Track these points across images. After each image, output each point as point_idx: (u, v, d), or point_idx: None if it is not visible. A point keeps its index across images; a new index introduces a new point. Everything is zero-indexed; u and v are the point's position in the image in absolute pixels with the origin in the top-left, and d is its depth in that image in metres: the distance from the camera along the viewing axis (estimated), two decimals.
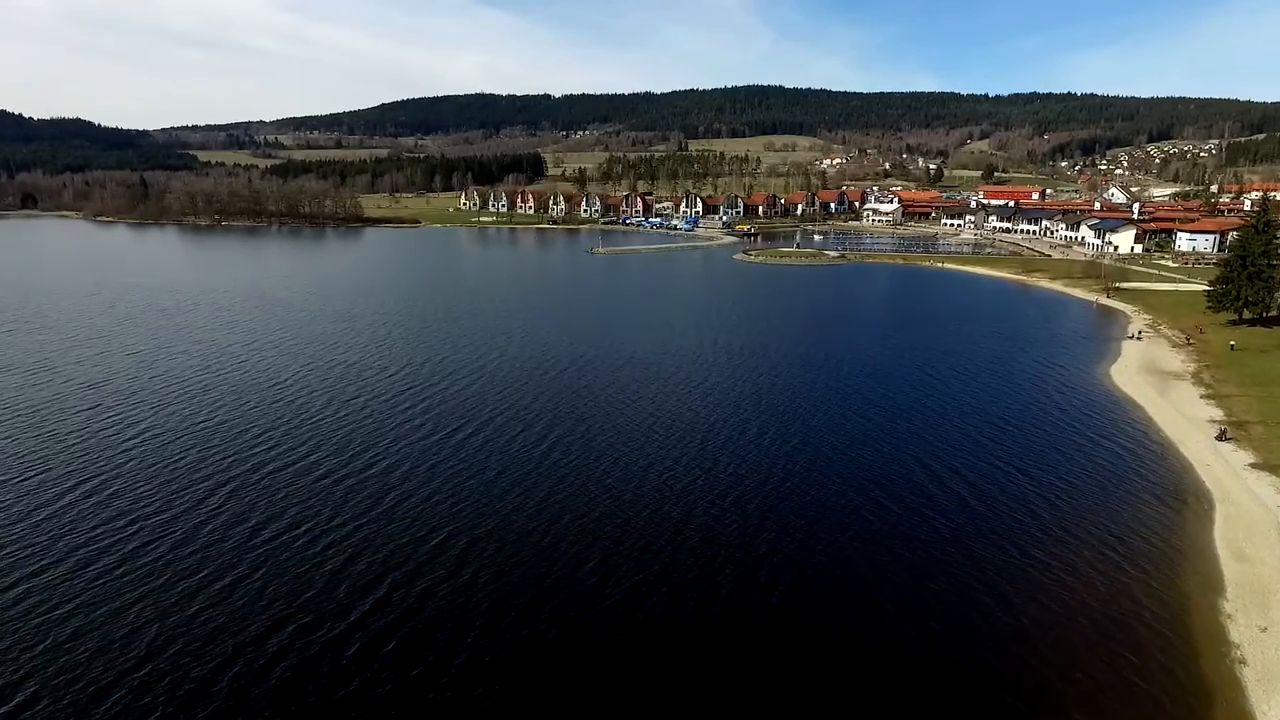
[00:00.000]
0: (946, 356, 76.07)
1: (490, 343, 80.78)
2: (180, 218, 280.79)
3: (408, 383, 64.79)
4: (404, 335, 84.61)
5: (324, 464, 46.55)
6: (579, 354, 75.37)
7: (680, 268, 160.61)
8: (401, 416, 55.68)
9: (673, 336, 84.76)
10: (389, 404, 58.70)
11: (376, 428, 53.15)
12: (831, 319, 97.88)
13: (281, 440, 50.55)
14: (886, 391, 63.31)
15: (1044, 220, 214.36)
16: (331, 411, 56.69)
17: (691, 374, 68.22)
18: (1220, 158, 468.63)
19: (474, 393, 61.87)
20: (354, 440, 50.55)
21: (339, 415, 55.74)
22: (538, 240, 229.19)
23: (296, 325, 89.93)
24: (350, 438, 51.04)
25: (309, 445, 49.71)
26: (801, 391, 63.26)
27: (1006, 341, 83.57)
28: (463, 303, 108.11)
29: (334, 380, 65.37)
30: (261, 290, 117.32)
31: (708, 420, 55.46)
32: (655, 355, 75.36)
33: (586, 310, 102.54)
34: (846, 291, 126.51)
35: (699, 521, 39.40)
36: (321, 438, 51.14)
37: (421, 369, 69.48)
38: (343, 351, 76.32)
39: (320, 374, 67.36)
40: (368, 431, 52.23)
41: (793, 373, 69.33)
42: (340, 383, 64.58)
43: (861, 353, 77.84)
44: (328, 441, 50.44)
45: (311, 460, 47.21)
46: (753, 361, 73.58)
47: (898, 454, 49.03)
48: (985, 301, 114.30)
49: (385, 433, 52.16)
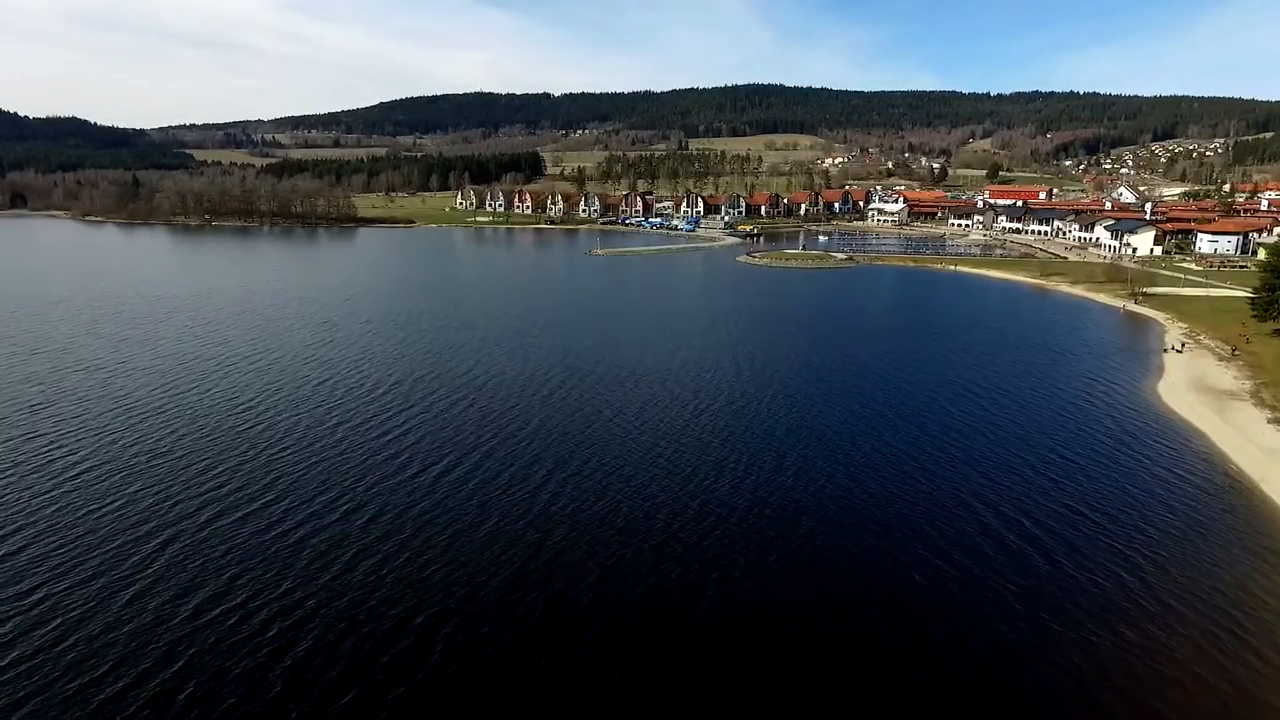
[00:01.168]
0: (979, 371, 69.85)
1: (480, 356, 74.50)
2: (170, 218, 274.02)
3: (388, 404, 58.49)
4: (388, 348, 78.29)
5: (279, 509, 40.23)
6: (577, 370, 69.07)
7: (682, 270, 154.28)
8: (377, 448, 49.34)
9: (678, 349, 78.48)
10: (364, 432, 52.38)
11: (347, 462, 46.79)
12: (848, 328, 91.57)
13: (235, 478, 44.21)
14: (922, 414, 56.98)
15: (1055, 221, 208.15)
16: (296, 441, 50.35)
17: (700, 395, 61.92)
18: (1228, 157, 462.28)
19: (461, 418, 55.56)
20: (318, 479, 44.16)
21: (305, 447, 49.38)
22: (535, 241, 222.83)
23: (274, 335, 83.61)
24: (314, 476, 44.65)
25: (265, 485, 43.37)
26: (826, 414, 56.96)
27: (1039, 353, 77.34)
28: (453, 310, 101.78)
29: (306, 401, 59.05)
30: (242, 296, 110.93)
31: (721, 452, 49.17)
32: (659, 371, 69.06)
33: (585, 318, 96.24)
34: (859, 296, 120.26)
35: (714, 593, 33.16)
36: (281, 474, 44.82)
37: (404, 388, 63.16)
38: (320, 367, 69.99)
39: (291, 394, 61.03)
40: (335, 468, 45.84)
41: (814, 392, 63.01)
42: (312, 405, 58.25)
43: (888, 367, 71.40)
44: (287, 479, 44.11)
45: (264, 503, 40.88)
46: (767, 377, 67.26)
47: (944, 494, 42.70)
48: (1005, 307, 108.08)
49: (356, 469, 45.80)
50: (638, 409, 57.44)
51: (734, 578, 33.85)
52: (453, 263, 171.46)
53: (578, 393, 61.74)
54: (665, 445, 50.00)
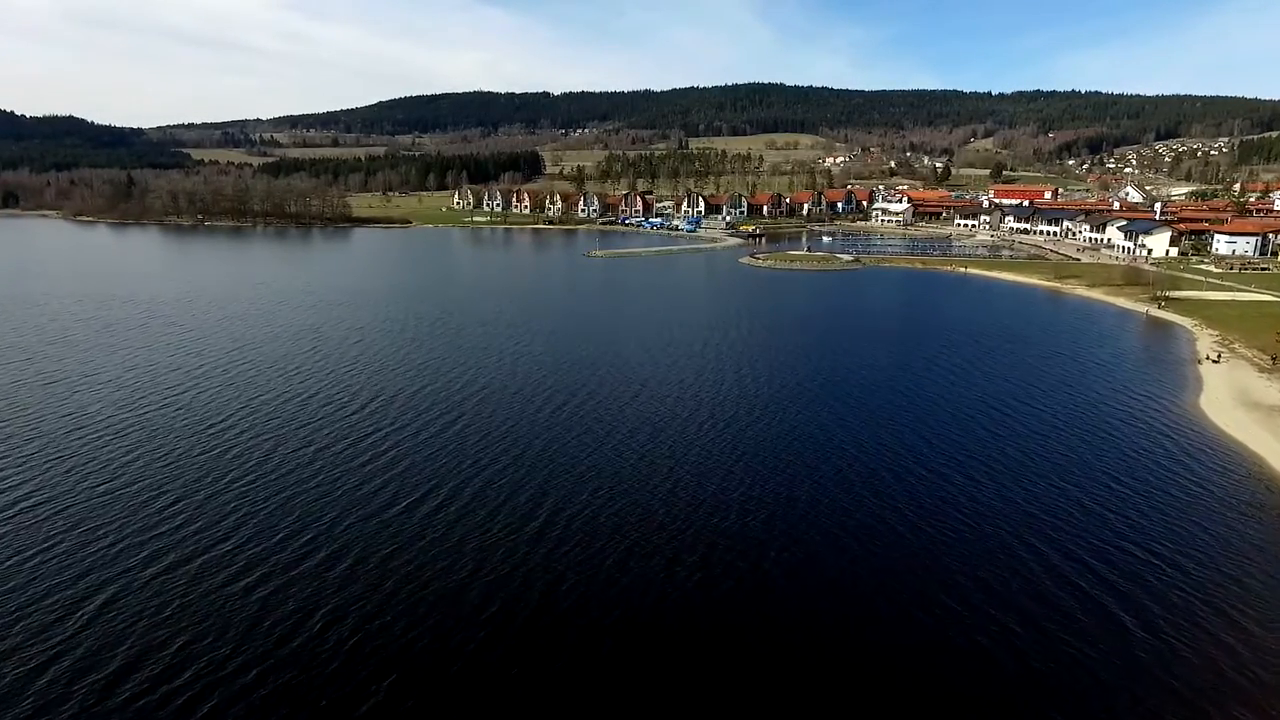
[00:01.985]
0: (1008, 384, 65.23)
1: (472, 369, 69.73)
2: (162, 218, 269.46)
3: (370, 425, 53.75)
4: (374, 359, 73.54)
5: (241, 557, 35.47)
6: (576, 385, 64.35)
7: (683, 273, 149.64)
8: (355, 478, 44.58)
9: (683, 360, 73.80)
10: (343, 458, 47.63)
11: (321, 497, 42.01)
12: (862, 335, 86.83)
13: (192, 517, 39.50)
14: (955, 436, 52.27)
15: (1065, 221, 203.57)
16: (265, 470, 45.60)
17: (711, 415, 57.21)
18: (1233, 156, 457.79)
19: (449, 442, 50.80)
20: (287, 519, 39.37)
21: (275, 477, 44.62)
22: (532, 241, 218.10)
23: (255, 344, 78.85)
24: (283, 514, 39.84)
25: (226, 525, 38.65)
26: (849, 435, 52.27)
27: (1067, 363, 72.73)
28: (444, 316, 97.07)
29: (280, 422, 54.31)
30: (226, 300, 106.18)
31: (737, 483, 44.47)
32: (665, 386, 64.32)
33: (583, 325, 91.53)
34: (869, 300, 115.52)
35: (736, 644, 28.52)
36: (246, 510, 40.11)
37: (389, 405, 58.43)
38: (299, 380, 65.25)
39: (264, 413, 56.29)
40: (308, 505, 41.02)
41: (832, 410, 58.32)
42: (287, 425, 53.50)
43: (911, 381, 66.55)
44: (252, 517, 39.40)
45: (224, 550, 36.15)
46: (780, 394, 62.50)
47: (992, 532, 38.05)
48: (1023, 312, 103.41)
49: (330, 504, 41.04)
50: (644, 432, 52.64)
51: (774, 641, 29.24)
52: (447, 265, 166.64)
53: (578, 412, 56.97)
54: (680, 474, 45.26)
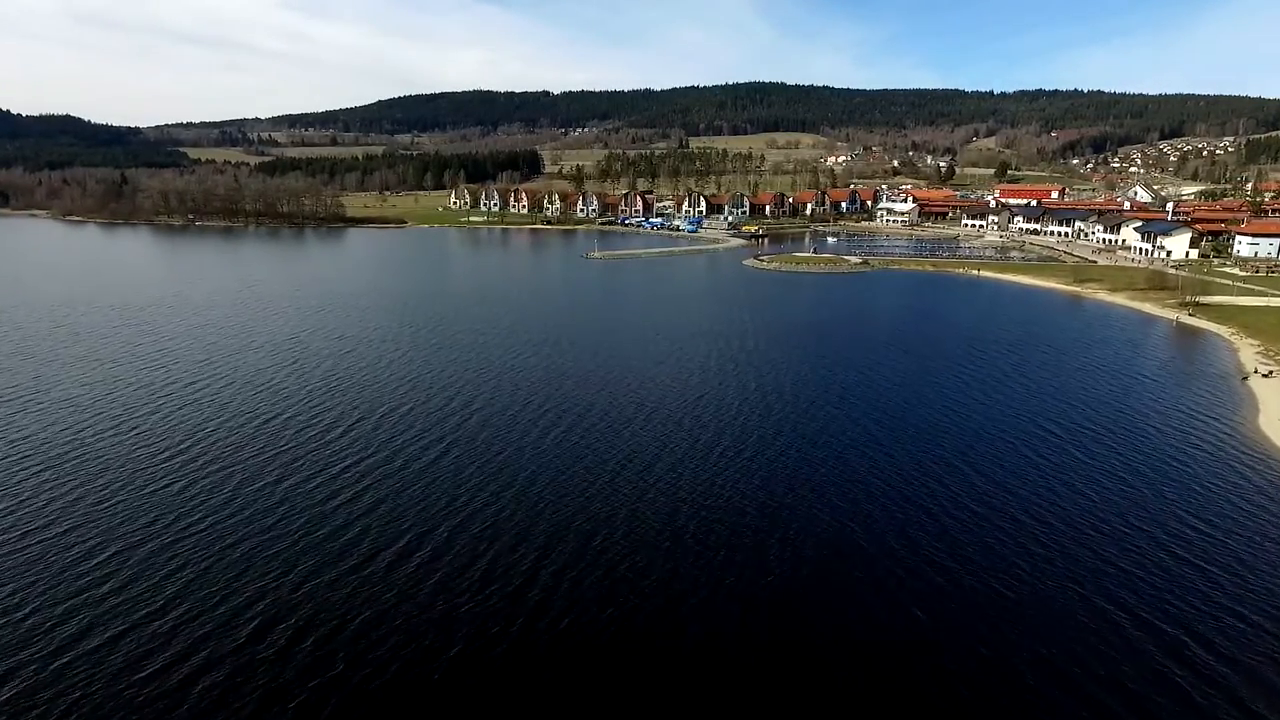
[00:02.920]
0: (1050, 402, 59.89)
1: (461, 384, 64.24)
2: (152, 217, 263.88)
3: (345, 453, 48.24)
4: (358, 373, 68.03)
5: (170, 618, 30.13)
6: (576, 406, 58.80)
7: (685, 275, 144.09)
8: (321, 519, 39.11)
9: (691, 374, 68.36)
10: (313, 498, 42.05)
11: (283, 548, 36.48)
12: (882, 344, 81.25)
13: (128, 568, 34.11)
14: (1003, 467, 46.73)
15: (1077, 222, 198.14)
16: (221, 508, 40.17)
17: (725, 439, 51.78)
18: (1240, 155, 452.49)
19: (430, 473, 45.36)
20: (239, 577, 33.89)
21: (231, 517, 39.18)
22: (530, 242, 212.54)
23: (227, 355, 73.36)
24: (233, 571, 34.34)
25: (164, 578, 33.30)
26: (888, 463, 46.79)
27: (1107, 378, 67.33)
28: (435, 323, 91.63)
29: (245, 448, 48.82)
30: (206, 305, 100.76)
31: (757, 522, 39.10)
32: (674, 406, 58.82)
33: (583, 335, 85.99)
34: (883, 305, 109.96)
35: None
36: (191, 572, 34.58)
37: (368, 429, 52.96)
38: (272, 398, 59.80)
39: (229, 438, 50.82)
40: (265, 559, 35.46)
41: (866, 431, 52.83)
42: (252, 453, 48.01)
43: (943, 400, 60.84)
44: (197, 570, 34.00)
45: (155, 608, 30.80)
46: (803, 415, 56.92)
47: (1063, 589, 32.69)
48: (1046, 319, 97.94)
49: (293, 558, 35.49)
50: (658, 465, 46.97)
51: None
52: (441, 267, 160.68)
53: (581, 439, 51.29)
54: (688, 518, 39.89)
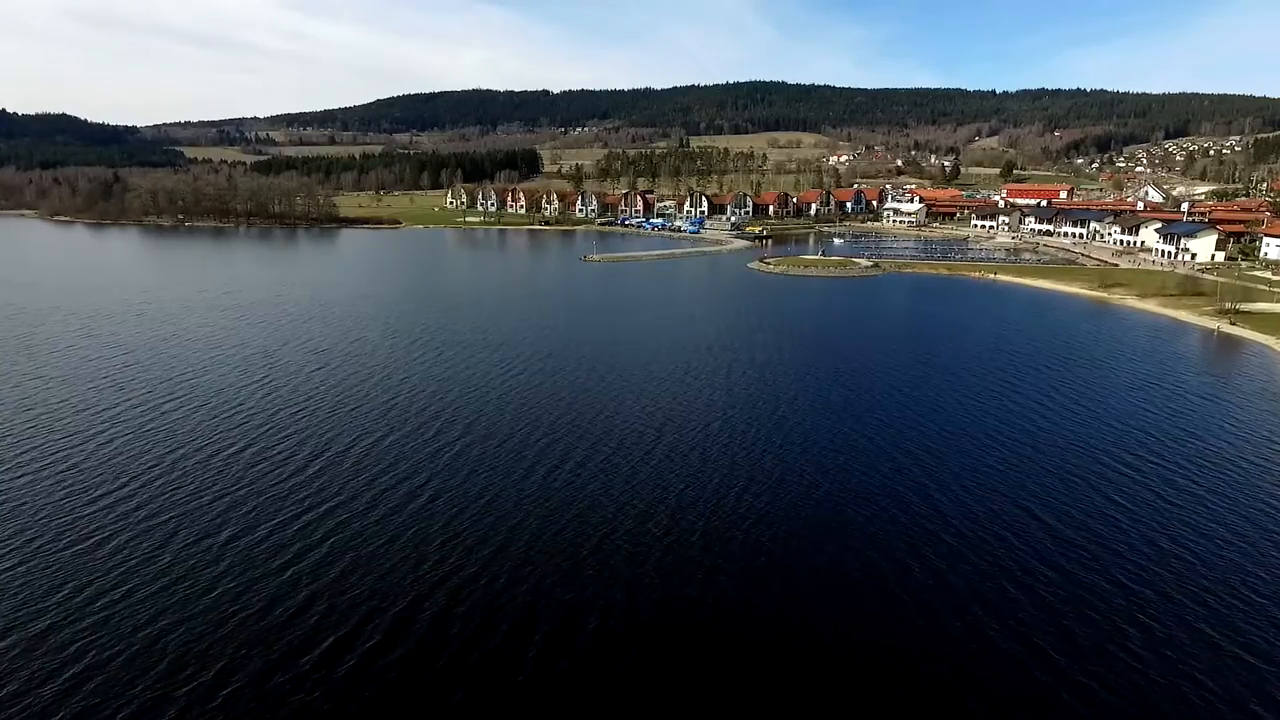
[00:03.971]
0: (1107, 429, 54.08)
1: (450, 411, 57.60)
2: (141, 218, 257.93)
3: (307, 503, 41.66)
4: (334, 394, 61.79)
5: None
6: (576, 434, 52.55)
7: (689, 280, 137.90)
8: (267, 596, 32.83)
9: (702, 394, 62.24)
10: (258, 558, 35.95)
11: (221, 628, 30.47)
12: (908, 360, 74.34)
13: (16, 666, 28.01)
14: (1073, 509, 40.72)
15: (1092, 222, 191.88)
16: (156, 575, 34.04)
17: (734, 475, 45.69)
18: (1249, 154, 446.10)
19: (402, 530, 39.13)
20: (164, 654, 27.90)
21: (159, 585, 33.10)
22: (527, 244, 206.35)
23: (192, 373, 67.15)
24: (142, 669, 28.34)
25: (71, 669, 27.17)
26: (941, 514, 40.59)
27: (1164, 396, 61.47)
28: (422, 335, 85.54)
29: (189, 492, 42.62)
30: (179, 313, 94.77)
31: (782, 589, 33.03)
32: (686, 435, 52.57)
33: (582, 348, 79.71)
34: (900, 314, 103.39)
35: None
36: (103, 648, 28.60)
37: (340, 465, 46.66)
38: (233, 425, 53.59)
39: (179, 476, 44.61)
40: (195, 631, 29.53)
41: (903, 468, 46.63)
42: (196, 500, 41.81)
43: (987, 426, 54.27)
44: (102, 672, 27.89)
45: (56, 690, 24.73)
46: (831, 445, 50.75)
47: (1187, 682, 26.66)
48: (1077, 328, 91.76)
49: (231, 638, 29.50)
50: (671, 519, 40.83)
51: None
52: (433, 271, 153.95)
53: (584, 478, 44.87)
54: (706, 585, 33.80)
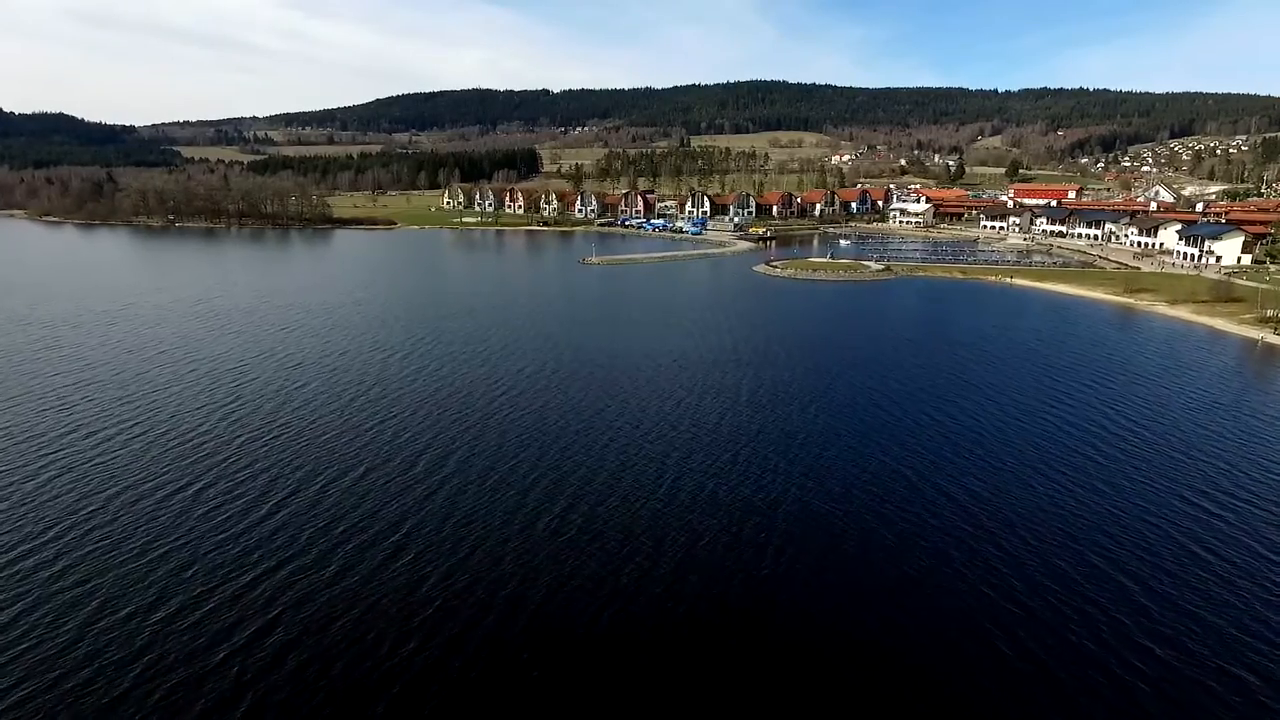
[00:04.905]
0: (1179, 461, 48.42)
1: (436, 439, 51.48)
2: (131, 218, 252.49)
3: (260, 559, 35.76)
4: (304, 419, 55.79)
5: None
6: (572, 469, 46.64)
7: (693, 285, 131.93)
8: (200, 693, 27.20)
9: (719, 421, 56.41)
10: (201, 632, 30.23)
11: None
12: (938, 375, 68.28)
13: None
14: (1160, 570, 34.88)
15: (1107, 223, 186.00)
16: (61, 670, 28.30)
17: (751, 522, 39.87)
18: (1257, 153, 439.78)
19: (379, 596, 33.38)
20: None
21: (68, 687, 27.33)
22: (525, 245, 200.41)
23: (152, 391, 61.36)
24: None
25: None
26: (1008, 580, 34.84)
27: (1227, 422, 55.44)
28: (409, 347, 79.82)
29: (124, 538, 36.86)
30: (152, 320, 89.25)
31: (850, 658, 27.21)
32: (705, 476, 46.72)
33: (580, 361, 73.80)
34: (921, 323, 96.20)
35: None
36: None
37: (300, 512, 40.78)
38: (190, 457, 47.72)
39: (115, 523, 38.81)
40: None
41: (962, 522, 40.86)
42: (133, 550, 36.05)
43: (1039, 459, 48.32)
44: None
45: None
46: (865, 478, 45.06)
47: None
48: (1110, 338, 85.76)
49: None
50: (687, 567, 35.19)
51: None
52: (426, 275, 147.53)
53: (577, 523, 39.15)
54: None
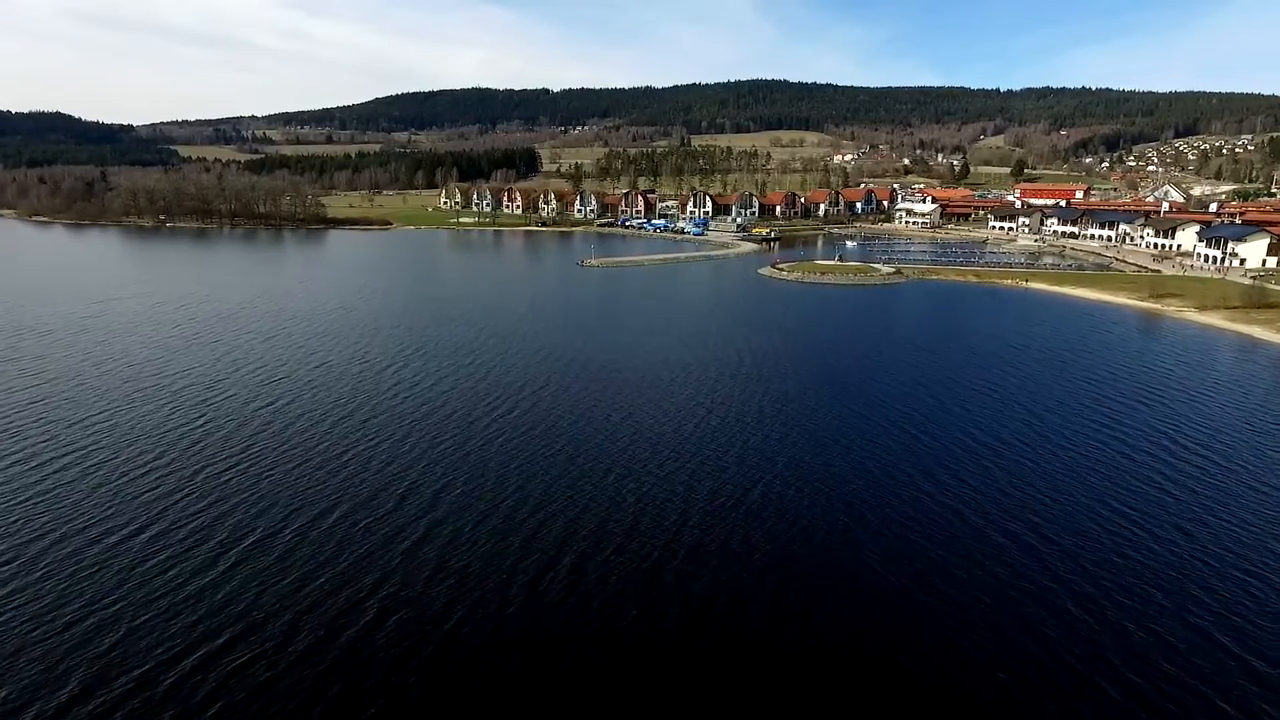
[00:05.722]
0: (1270, 496, 42.70)
1: (410, 477, 45.89)
2: (121, 218, 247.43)
3: (210, 624, 30.72)
4: (272, 446, 50.32)
5: None
6: (566, 510, 41.58)
7: (696, 289, 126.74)
8: None
9: (727, 447, 51.33)
10: None
11: None
12: (976, 397, 62.99)
13: None
14: None
15: (1121, 224, 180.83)
16: None
17: (795, 583, 34.73)
18: (1265, 153, 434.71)
19: (350, 670, 28.31)
20: None
21: None
22: (522, 246, 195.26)
23: (109, 413, 56.02)
24: None
25: None
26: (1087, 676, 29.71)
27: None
28: (395, 361, 74.74)
29: (50, 602, 31.75)
30: (124, 330, 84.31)
31: None
32: (713, 517, 41.74)
33: (577, 378, 68.56)
34: (941, 331, 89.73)
35: None
36: None
37: (257, 561, 35.64)
38: (138, 493, 42.48)
39: (35, 579, 33.71)
40: None
41: (1031, 592, 35.76)
42: (61, 614, 30.95)
43: (1106, 502, 43.25)
44: None
45: None
46: (916, 534, 39.98)
47: None
48: (1150, 350, 79.93)
49: None
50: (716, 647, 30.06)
51: None
52: (420, 278, 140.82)
53: (588, 585, 34.06)
54: None
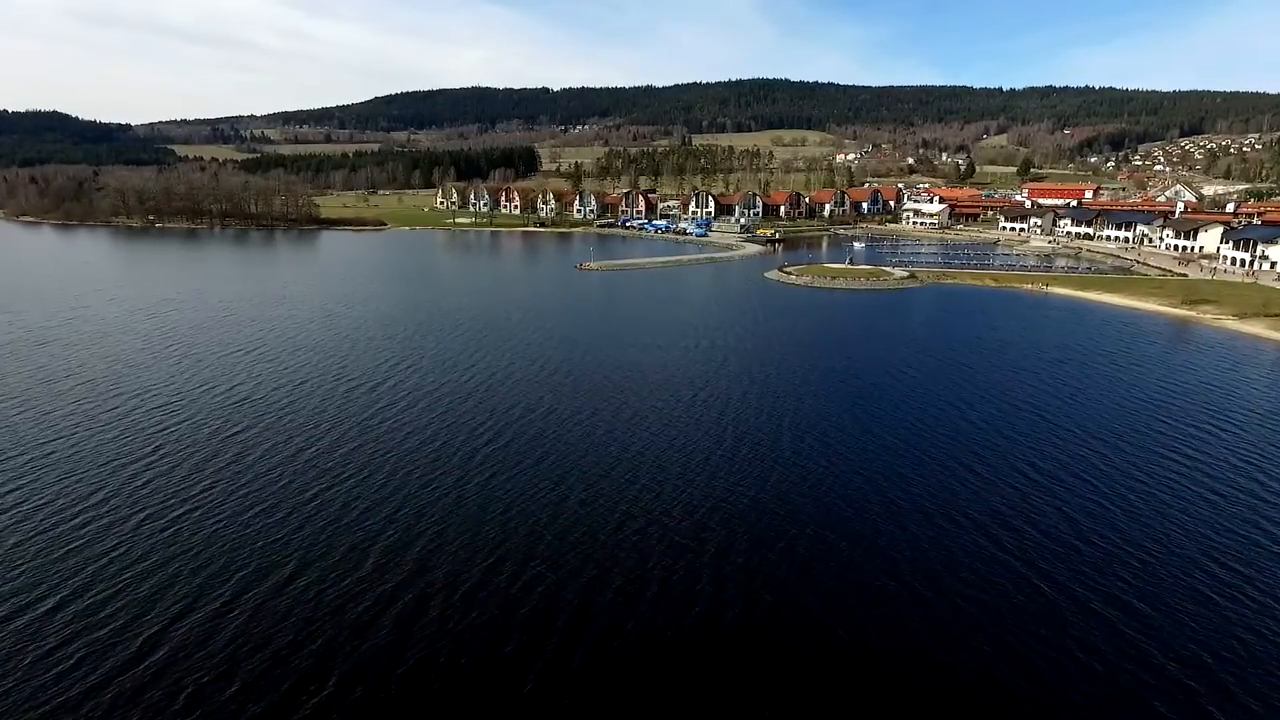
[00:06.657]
0: None
1: (389, 527, 40.10)
2: (109, 218, 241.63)
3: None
4: (230, 487, 44.57)
5: None
6: (569, 563, 35.86)
7: (702, 294, 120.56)
8: None
9: (741, 485, 45.50)
10: None
11: None
12: (1022, 421, 57.32)
13: None
14: None
15: (1139, 225, 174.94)
16: None
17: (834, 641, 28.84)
18: (1275, 152, 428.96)
19: None
20: None
21: None
22: (520, 247, 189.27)
23: (47, 443, 50.24)
24: None
25: None
26: None
27: None
28: (381, 376, 68.97)
29: None
30: (90, 341, 78.56)
31: None
32: (727, 578, 35.95)
33: (573, 403, 62.54)
34: (968, 342, 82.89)
35: None
36: None
37: (196, 658, 29.88)
38: (58, 555, 36.73)
39: None
40: None
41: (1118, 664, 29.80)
42: None
43: (1213, 557, 37.99)
44: None
45: None
46: (976, 603, 34.10)
47: None
48: (1196, 363, 73.72)
49: None
50: None
51: None
52: (412, 282, 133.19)
53: (600, 663, 28.36)
54: None
